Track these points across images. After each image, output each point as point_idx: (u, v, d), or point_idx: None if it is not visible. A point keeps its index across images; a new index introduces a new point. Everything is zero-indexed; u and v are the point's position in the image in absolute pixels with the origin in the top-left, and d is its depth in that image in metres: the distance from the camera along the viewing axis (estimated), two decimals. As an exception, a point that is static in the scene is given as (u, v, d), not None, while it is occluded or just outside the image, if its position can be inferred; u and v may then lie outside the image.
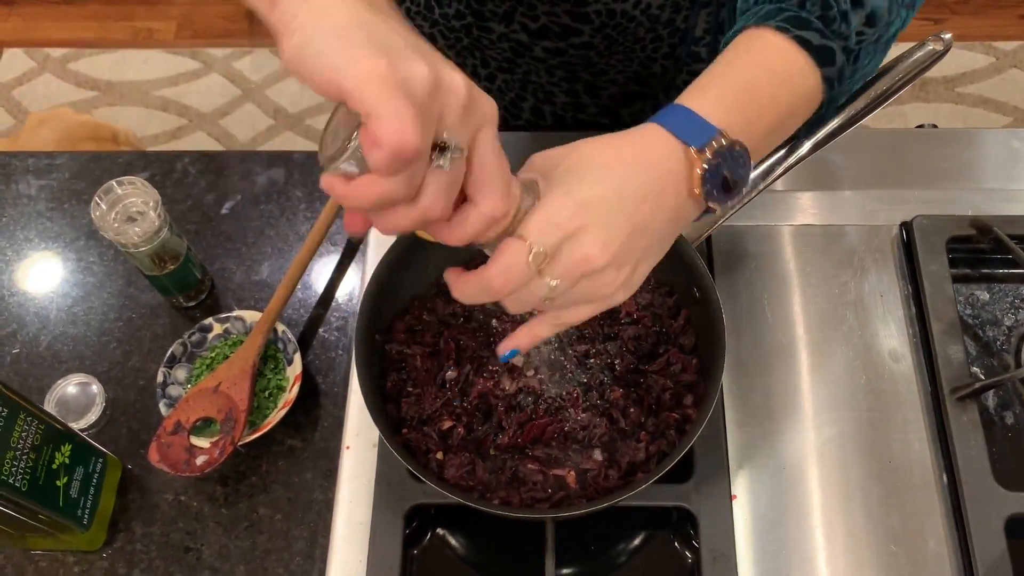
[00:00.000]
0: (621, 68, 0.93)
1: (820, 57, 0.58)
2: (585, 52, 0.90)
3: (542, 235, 0.51)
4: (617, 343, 0.75)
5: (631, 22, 0.86)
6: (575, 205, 0.52)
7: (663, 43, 0.90)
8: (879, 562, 0.72)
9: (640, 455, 0.70)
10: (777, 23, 0.58)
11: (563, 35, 0.88)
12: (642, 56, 0.91)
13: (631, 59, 0.92)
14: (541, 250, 0.51)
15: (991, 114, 2.16)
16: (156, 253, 0.81)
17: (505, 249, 0.52)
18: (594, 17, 0.85)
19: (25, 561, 0.77)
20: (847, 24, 0.59)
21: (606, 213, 0.52)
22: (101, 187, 0.79)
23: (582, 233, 0.52)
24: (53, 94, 2.29)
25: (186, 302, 0.89)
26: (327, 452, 0.81)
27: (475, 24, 0.90)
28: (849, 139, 0.74)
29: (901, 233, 0.86)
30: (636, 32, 0.88)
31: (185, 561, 0.77)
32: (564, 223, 0.51)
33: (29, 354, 0.87)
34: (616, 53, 0.91)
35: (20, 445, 0.68)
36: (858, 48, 0.60)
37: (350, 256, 0.92)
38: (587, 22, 0.85)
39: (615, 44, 0.89)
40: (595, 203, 0.52)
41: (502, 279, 0.52)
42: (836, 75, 0.60)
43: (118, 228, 0.78)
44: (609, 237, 0.52)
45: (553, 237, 0.51)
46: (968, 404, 0.75)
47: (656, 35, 0.89)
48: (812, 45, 0.58)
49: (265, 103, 2.26)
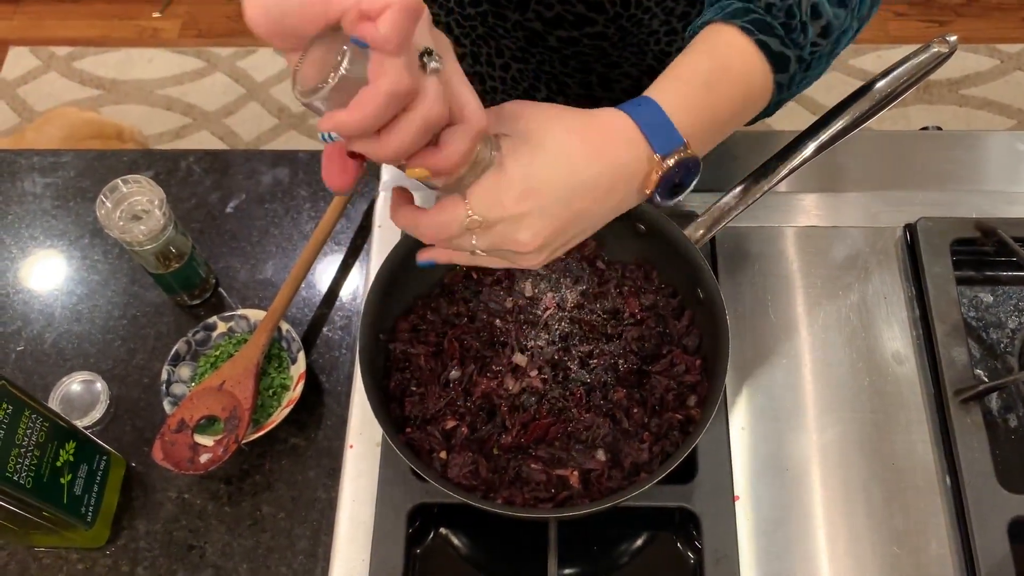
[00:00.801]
0: (635, 61, 0.93)
1: (776, 63, 0.61)
2: (599, 43, 0.90)
3: (485, 209, 0.54)
4: (621, 343, 0.75)
5: (646, 13, 0.86)
6: (524, 189, 0.54)
7: (677, 36, 0.90)
8: (881, 564, 0.72)
9: (643, 456, 0.70)
10: (742, 23, 0.60)
11: (577, 24, 0.88)
12: (656, 49, 0.92)
13: (645, 52, 0.92)
14: (479, 219, 0.54)
15: (995, 116, 2.16)
16: (161, 251, 0.81)
17: (446, 206, 0.55)
18: (609, 7, 0.85)
19: (29, 558, 0.77)
20: (804, 35, 0.61)
21: (551, 203, 0.55)
22: (107, 185, 0.79)
23: (521, 219, 0.55)
24: (58, 92, 2.30)
25: (190, 300, 0.89)
26: (330, 451, 0.81)
27: (490, 12, 0.90)
28: (853, 141, 0.74)
29: (905, 235, 0.86)
30: (650, 24, 0.88)
31: (188, 559, 0.77)
32: (509, 205, 0.54)
33: (34, 352, 0.88)
34: (630, 45, 0.91)
35: (25, 442, 0.68)
36: (811, 58, 0.62)
37: (354, 256, 0.93)
38: (602, 12, 0.85)
39: (629, 36, 0.89)
40: (543, 191, 0.55)
41: (433, 231, 0.56)
42: (787, 81, 0.62)
43: (123, 226, 0.79)
44: (544, 228, 0.55)
45: (494, 214, 0.54)
46: (972, 406, 0.75)
47: (671, 28, 0.89)
48: (771, 50, 0.60)
49: (269, 102, 2.26)
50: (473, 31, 0.95)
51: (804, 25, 0.61)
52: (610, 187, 0.57)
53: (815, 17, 0.61)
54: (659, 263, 0.80)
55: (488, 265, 0.61)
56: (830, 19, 0.61)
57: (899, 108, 2.15)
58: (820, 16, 0.61)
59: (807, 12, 0.61)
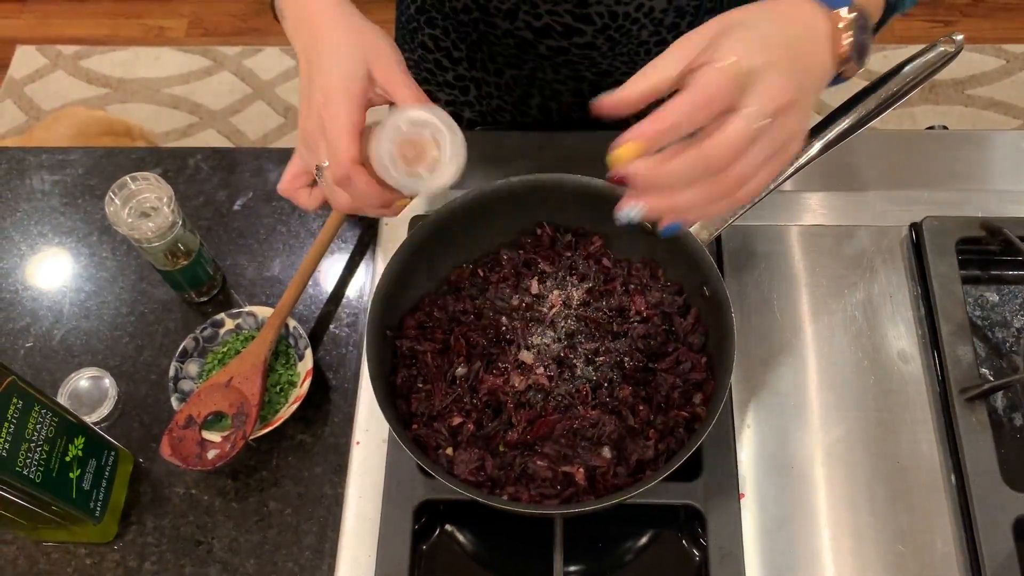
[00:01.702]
0: (626, 70, 0.94)
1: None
2: (588, 52, 0.91)
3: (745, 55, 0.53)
4: (626, 341, 0.76)
5: (634, 24, 0.86)
6: (760, 40, 0.54)
7: (667, 47, 0.91)
8: (887, 562, 0.72)
9: (649, 453, 0.70)
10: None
11: (566, 35, 0.88)
12: (646, 59, 0.91)
13: (635, 61, 0.92)
14: (744, 67, 0.52)
15: (1001, 117, 2.16)
16: (169, 248, 0.81)
17: (701, 76, 0.52)
18: (596, 18, 0.85)
19: (38, 553, 0.78)
20: None
21: (784, 52, 0.54)
22: (115, 182, 0.80)
23: (772, 66, 0.53)
24: (65, 91, 2.31)
25: (198, 297, 0.89)
26: (337, 447, 0.81)
27: (481, 20, 0.90)
28: (859, 140, 0.74)
29: (911, 234, 0.86)
30: (639, 35, 0.88)
31: (196, 554, 0.77)
32: (755, 56, 0.53)
33: (42, 348, 0.88)
34: (620, 55, 0.91)
35: (35, 437, 0.68)
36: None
37: (361, 253, 0.93)
38: (589, 23, 0.86)
39: (618, 45, 0.89)
40: (773, 42, 0.54)
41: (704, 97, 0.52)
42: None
43: (132, 223, 0.79)
44: (792, 70, 0.54)
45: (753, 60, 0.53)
46: (977, 405, 0.75)
47: (661, 39, 0.89)
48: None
49: (275, 101, 2.27)
50: (468, 37, 0.96)
51: None
52: (812, 47, 0.57)
53: None
54: (665, 261, 0.80)
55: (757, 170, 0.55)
56: None
57: (905, 108, 2.15)
58: None
59: None
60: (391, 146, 0.61)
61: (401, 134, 0.62)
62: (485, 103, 1.06)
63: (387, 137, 0.61)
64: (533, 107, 1.04)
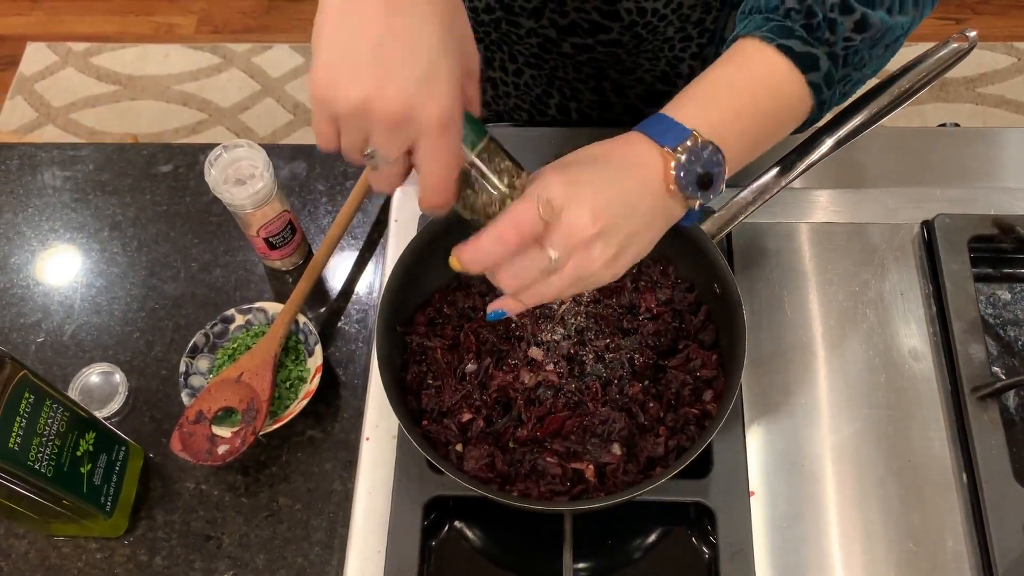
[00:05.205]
0: (649, 67, 0.93)
1: (803, 63, 0.61)
2: (613, 50, 0.90)
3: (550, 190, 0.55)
4: (637, 338, 0.76)
5: (661, 20, 0.86)
6: (568, 180, 0.56)
7: (692, 43, 0.90)
8: (897, 560, 0.71)
9: (659, 450, 0.70)
10: (763, 33, 0.62)
11: (592, 32, 0.88)
12: (670, 55, 0.92)
13: (659, 58, 0.92)
14: (546, 198, 0.55)
15: (1012, 114, 2.15)
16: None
17: (513, 207, 0.56)
18: (624, 15, 0.85)
19: (48, 547, 0.78)
20: (832, 31, 0.61)
21: (596, 188, 0.56)
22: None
23: (575, 203, 0.55)
24: (75, 88, 2.31)
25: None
26: (347, 443, 0.82)
27: (504, 19, 0.90)
28: (871, 137, 0.74)
29: (922, 232, 0.86)
30: (665, 31, 0.88)
31: (206, 549, 0.77)
32: (558, 194, 0.55)
33: (54, 343, 0.88)
34: (644, 52, 0.91)
35: (46, 431, 0.68)
36: (845, 53, 0.62)
37: (371, 249, 0.93)
38: (617, 20, 0.85)
39: (644, 42, 0.89)
40: (585, 181, 0.56)
41: (513, 227, 0.55)
42: (822, 80, 0.62)
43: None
44: (598, 208, 0.55)
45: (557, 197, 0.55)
46: (989, 403, 0.75)
47: (686, 34, 0.89)
48: (794, 52, 0.61)
49: (284, 98, 2.27)
50: (487, 36, 0.96)
51: (832, 21, 0.61)
52: (641, 189, 0.58)
53: (845, 12, 0.61)
54: (676, 258, 0.80)
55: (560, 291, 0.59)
56: (864, 11, 0.61)
57: (915, 106, 2.14)
58: (851, 10, 0.61)
59: (833, 8, 0.61)
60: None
61: None
62: (502, 103, 1.06)
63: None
64: (552, 107, 1.03)
